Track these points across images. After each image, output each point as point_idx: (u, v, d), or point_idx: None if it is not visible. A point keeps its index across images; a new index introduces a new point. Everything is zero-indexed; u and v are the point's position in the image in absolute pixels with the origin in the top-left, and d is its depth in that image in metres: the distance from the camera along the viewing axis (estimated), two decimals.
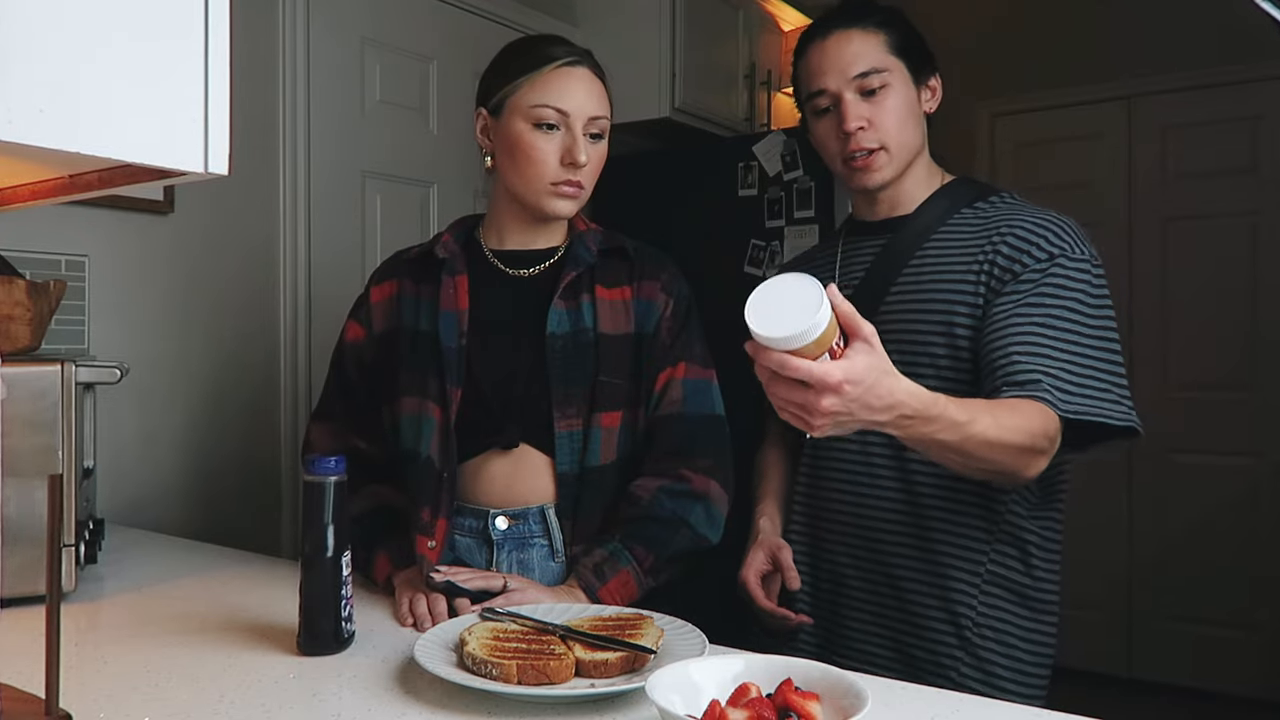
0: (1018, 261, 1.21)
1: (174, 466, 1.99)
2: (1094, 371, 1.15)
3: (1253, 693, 3.25)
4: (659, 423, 1.29)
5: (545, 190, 1.27)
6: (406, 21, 2.47)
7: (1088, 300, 1.18)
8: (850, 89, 1.29)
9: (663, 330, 1.31)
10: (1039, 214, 1.26)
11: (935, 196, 1.34)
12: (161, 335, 1.97)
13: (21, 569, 1.16)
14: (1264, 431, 3.26)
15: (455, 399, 1.26)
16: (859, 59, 1.28)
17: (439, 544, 1.25)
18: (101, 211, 1.85)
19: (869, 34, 1.29)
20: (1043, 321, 1.16)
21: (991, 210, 1.30)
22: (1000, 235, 1.24)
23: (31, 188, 0.74)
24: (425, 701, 0.90)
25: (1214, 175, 3.39)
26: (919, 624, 1.26)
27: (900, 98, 1.29)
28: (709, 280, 2.79)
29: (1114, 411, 1.14)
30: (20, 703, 0.77)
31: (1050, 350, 1.14)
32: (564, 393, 1.25)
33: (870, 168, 1.31)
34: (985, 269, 1.23)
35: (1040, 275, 1.19)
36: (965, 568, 1.25)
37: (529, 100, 1.26)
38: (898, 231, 1.34)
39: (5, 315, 1.26)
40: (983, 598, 1.25)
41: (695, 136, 3.08)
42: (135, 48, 0.59)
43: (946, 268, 1.27)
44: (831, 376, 0.88)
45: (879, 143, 1.29)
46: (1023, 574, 1.26)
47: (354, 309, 1.42)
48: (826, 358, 0.89)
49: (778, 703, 0.76)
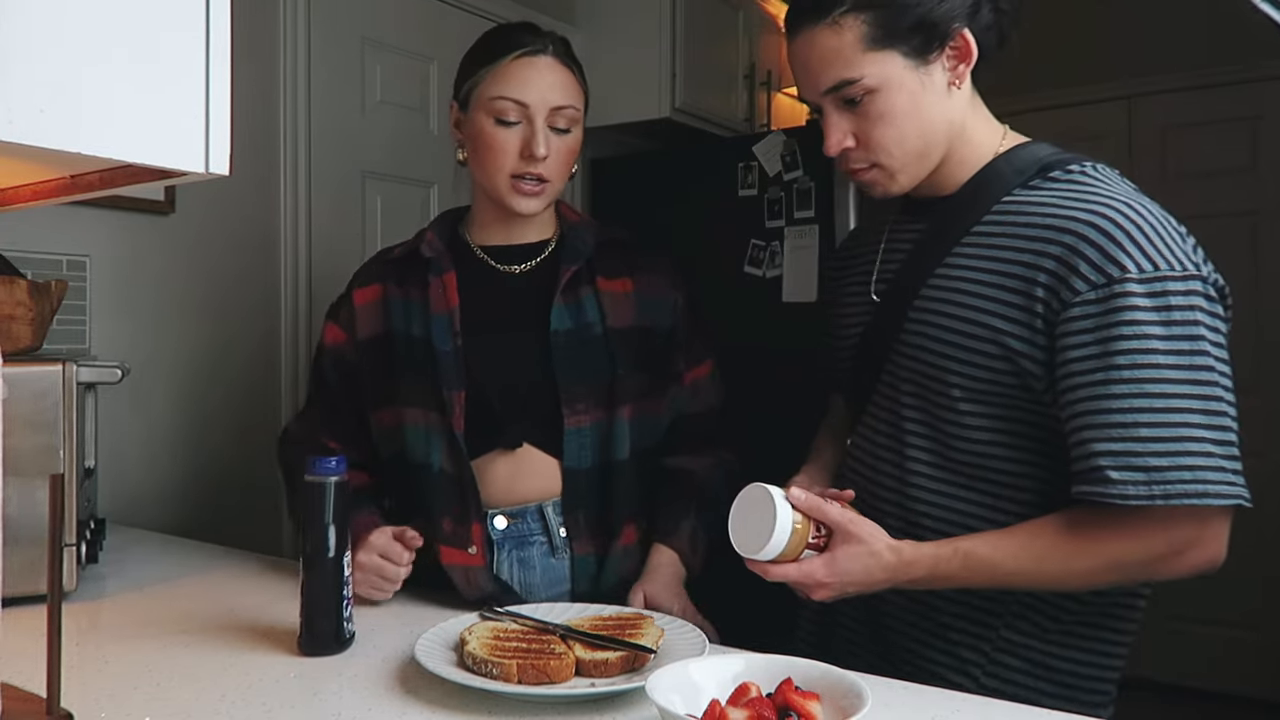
0: (1067, 284, 0.95)
1: (174, 466, 1.99)
2: (1180, 437, 0.90)
3: (1256, 693, 3.25)
4: (698, 420, 1.36)
5: (505, 185, 1.25)
6: (406, 21, 2.47)
7: (1165, 336, 0.92)
8: (827, 101, 1.05)
9: (681, 326, 1.33)
10: (1105, 205, 0.96)
11: (984, 172, 1.07)
12: (162, 335, 1.97)
13: (23, 568, 1.16)
14: (1265, 432, 3.25)
15: (458, 402, 1.24)
16: (828, 68, 1.03)
17: (479, 548, 1.23)
18: (102, 211, 1.85)
19: (839, 30, 1.01)
20: (1104, 380, 0.92)
21: (1054, 191, 1.02)
22: (1054, 235, 0.97)
23: (33, 188, 0.74)
24: (425, 701, 0.90)
25: (1214, 175, 3.39)
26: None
27: (894, 98, 1.02)
28: (709, 280, 2.80)
29: (1211, 484, 0.90)
30: (21, 702, 0.77)
31: (1118, 422, 0.91)
32: (572, 390, 1.24)
33: (871, 183, 1.09)
34: (1033, 279, 0.97)
35: (1101, 312, 0.93)
36: (969, 630, 1.05)
37: (489, 92, 1.25)
38: (934, 218, 1.09)
39: (7, 315, 1.26)
40: (989, 667, 1.05)
41: (695, 136, 3.07)
42: (136, 48, 0.59)
43: (985, 271, 1.02)
44: (813, 576, 0.96)
45: (868, 162, 1.06)
46: (1048, 647, 1.04)
47: (333, 310, 1.39)
48: (810, 553, 0.98)
49: (778, 702, 0.76)
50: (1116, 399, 0.92)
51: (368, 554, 1.17)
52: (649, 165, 3.02)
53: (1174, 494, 0.90)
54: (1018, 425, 1.01)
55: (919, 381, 1.06)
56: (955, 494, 1.04)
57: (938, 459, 1.05)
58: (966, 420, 1.02)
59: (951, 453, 1.04)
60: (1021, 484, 1.02)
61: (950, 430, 1.03)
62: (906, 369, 1.08)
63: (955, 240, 1.06)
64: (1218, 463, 0.91)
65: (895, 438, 1.09)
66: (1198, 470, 0.90)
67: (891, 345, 1.09)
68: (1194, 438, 0.91)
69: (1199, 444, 0.91)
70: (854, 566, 0.95)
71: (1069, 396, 0.95)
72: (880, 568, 0.96)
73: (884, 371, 1.11)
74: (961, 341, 1.02)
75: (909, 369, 1.07)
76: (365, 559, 1.17)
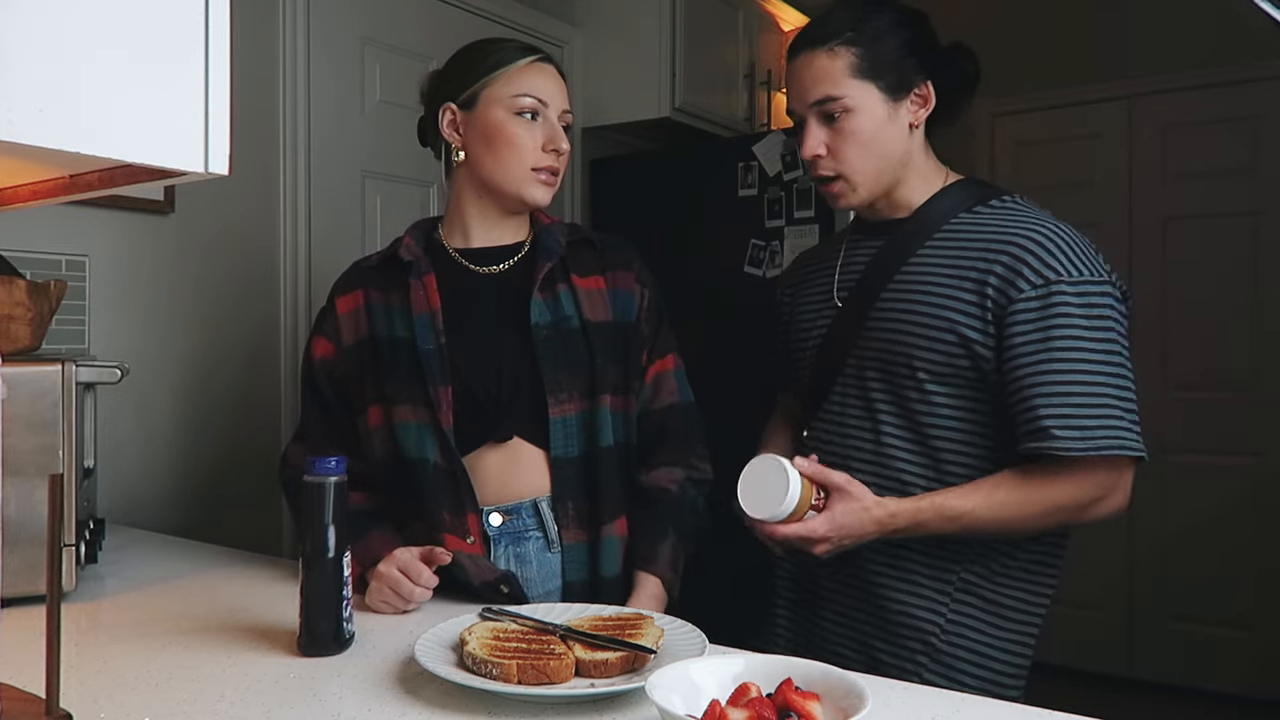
0: (1013, 285, 1.18)
1: (174, 466, 1.99)
2: (1103, 403, 1.14)
3: (1252, 693, 3.25)
4: (662, 414, 1.36)
5: (526, 177, 1.31)
6: (406, 21, 2.47)
7: (1088, 327, 1.16)
8: (811, 114, 1.27)
9: (642, 321, 1.36)
10: (1038, 225, 1.21)
11: (935, 199, 1.30)
12: (161, 335, 1.97)
13: (22, 569, 1.16)
14: (1264, 431, 3.25)
15: (445, 398, 1.26)
16: (817, 85, 1.25)
17: (477, 538, 1.26)
18: (102, 211, 1.85)
19: (833, 57, 1.25)
20: (1047, 359, 1.15)
21: (992, 216, 1.26)
22: (1000, 247, 1.21)
23: (32, 187, 0.74)
24: (425, 701, 0.90)
25: (1214, 175, 3.39)
26: (888, 628, 1.26)
27: (864, 121, 1.25)
28: (709, 280, 2.80)
29: (1126, 440, 1.14)
30: (21, 702, 0.77)
31: (1058, 391, 1.14)
32: (555, 380, 1.28)
33: (832, 193, 1.30)
34: (984, 280, 1.20)
35: (1040, 307, 1.16)
36: (935, 575, 1.24)
37: (509, 91, 1.31)
38: (893, 235, 1.31)
39: (6, 315, 1.26)
40: (953, 605, 1.24)
41: (695, 136, 3.08)
42: (135, 48, 0.59)
43: (941, 276, 1.24)
44: (816, 532, 1.15)
45: (834, 171, 1.28)
46: (996, 586, 1.24)
47: (318, 323, 1.41)
48: (812, 513, 1.15)
49: (778, 702, 0.76)
50: (1055, 373, 1.15)
51: (388, 566, 1.19)
52: (649, 165, 3.02)
53: (1102, 446, 1.13)
54: (972, 401, 1.23)
55: (885, 368, 1.26)
56: (923, 454, 1.25)
57: (907, 433, 1.25)
58: (932, 399, 1.23)
59: (919, 424, 1.24)
60: (976, 448, 1.23)
61: (917, 407, 1.24)
62: (873, 358, 1.27)
63: (912, 251, 1.28)
64: (1128, 424, 1.15)
65: (868, 415, 1.28)
66: (1117, 429, 1.14)
67: (857, 337, 1.30)
68: (1112, 404, 1.15)
69: (1115, 409, 1.15)
70: (850, 521, 1.15)
71: (1016, 373, 1.17)
72: (872, 520, 1.16)
73: (848, 363, 1.30)
74: (924, 331, 1.23)
75: (876, 358, 1.27)
76: (385, 569, 1.18)
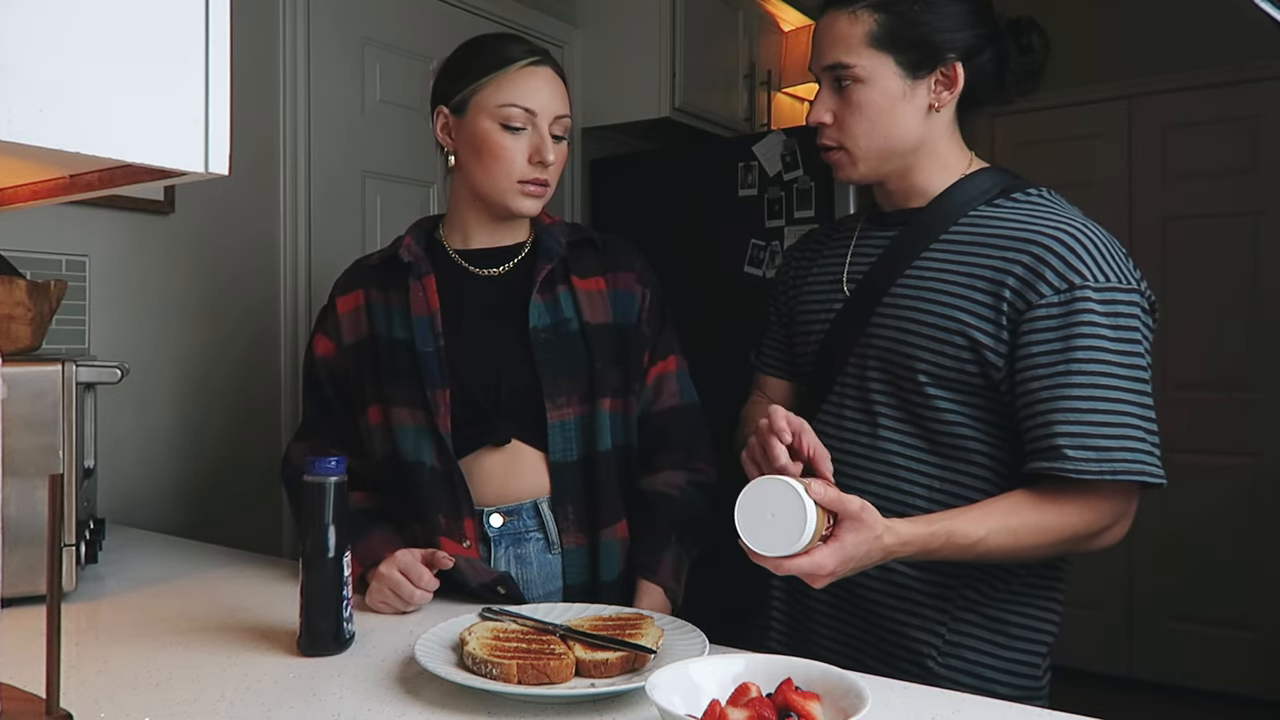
0: (1033, 288, 1.08)
1: (174, 466, 1.99)
2: (1124, 424, 1.04)
3: (1253, 693, 3.25)
4: (663, 416, 1.35)
5: (512, 189, 1.28)
6: (406, 21, 2.47)
7: (1113, 339, 1.06)
8: (824, 77, 1.19)
9: (644, 322, 1.35)
10: (1066, 224, 1.10)
11: (954, 188, 1.19)
12: (161, 335, 1.97)
13: (22, 569, 1.16)
14: (1264, 431, 3.25)
15: (443, 401, 1.26)
16: (832, 48, 1.17)
17: (474, 542, 1.26)
18: (102, 211, 1.85)
19: (854, 21, 1.16)
20: (1066, 373, 1.05)
21: (1015, 210, 1.15)
22: (1022, 245, 1.10)
23: (32, 187, 0.74)
24: (425, 701, 0.90)
25: (1214, 175, 3.39)
26: (883, 647, 1.18)
27: (874, 95, 1.15)
28: (709, 280, 2.80)
29: (1146, 464, 1.04)
30: (21, 702, 0.77)
31: (1076, 408, 1.04)
32: (554, 383, 1.27)
33: (836, 164, 1.22)
34: (1002, 281, 1.10)
35: (1063, 314, 1.06)
36: (933, 592, 1.15)
37: (496, 99, 1.27)
38: (906, 227, 1.21)
39: (6, 315, 1.26)
40: (953, 624, 1.15)
41: (695, 136, 3.07)
42: (135, 48, 0.59)
43: (954, 273, 1.14)
44: (824, 568, 0.96)
45: (836, 143, 1.20)
46: (1001, 604, 1.15)
47: (319, 322, 1.41)
48: (818, 543, 0.96)
49: (778, 703, 0.76)
50: (1075, 388, 1.05)
51: (389, 567, 1.18)
52: (649, 165, 3.02)
53: (1119, 471, 1.03)
54: (977, 408, 1.13)
55: (886, 368, 1.18)
56: (925, 460, 1.16)
57: (907, 434, 1.17)
58: (934, 403, 1.14)
59: (922, 429, 1.16)
60: (980, 454, 1.14)
61: (920, 410, 1.15)
62: (875, 356, 1.19)
63: (926, 245, 1.18)
64: (1149, 447, 1.05)
65: (866, 417, 1.20)
66: (1136, 453, 1.04)
67: (860, 334, 1.21)
68: (1133, 425, 1.05)
69: (1136, 430, 1.05)
70: (860, 553, 0.98)
71: (1031, 385, 1.07)
72: (881, 549, 1.00)
73: (851, 358, 1.22)
74: (930, 333, 1.13)
75: (877, 356, 1.18)
76: (385, 570, 1.18)
